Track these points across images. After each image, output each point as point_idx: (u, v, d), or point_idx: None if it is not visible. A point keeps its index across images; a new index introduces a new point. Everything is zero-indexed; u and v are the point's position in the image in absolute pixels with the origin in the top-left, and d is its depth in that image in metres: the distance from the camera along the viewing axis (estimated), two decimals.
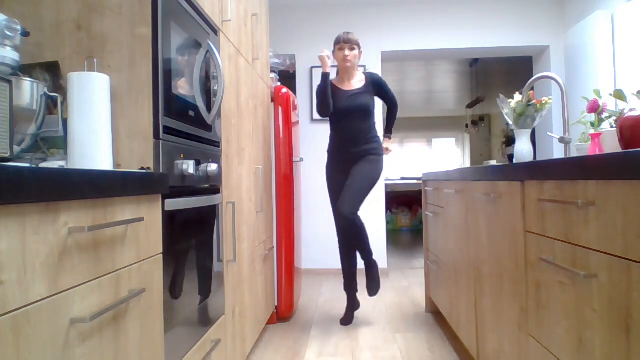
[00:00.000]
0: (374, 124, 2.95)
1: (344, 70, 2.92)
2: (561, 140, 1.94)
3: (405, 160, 10.63)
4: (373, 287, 2.89)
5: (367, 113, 2.89)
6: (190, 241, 1.44)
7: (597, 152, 1.67)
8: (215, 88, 1.70)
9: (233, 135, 1.98)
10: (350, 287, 3.00)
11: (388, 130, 3.11)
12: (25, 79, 1.07)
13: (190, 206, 1.42)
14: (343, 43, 2.86)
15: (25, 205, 0.68)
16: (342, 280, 3.03)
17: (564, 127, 1.98)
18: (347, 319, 2.95)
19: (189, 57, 1.48)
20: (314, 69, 4.61)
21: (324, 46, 4.60)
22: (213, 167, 1.56)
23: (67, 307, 0.78)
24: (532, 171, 1.29)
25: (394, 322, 2.95)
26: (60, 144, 1.19)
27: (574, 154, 2.12)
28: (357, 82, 2.93)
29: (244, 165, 2.19)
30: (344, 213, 2.72)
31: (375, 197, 4.30)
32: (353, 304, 3.00)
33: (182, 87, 1.41)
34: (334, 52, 2.93)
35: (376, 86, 2.94)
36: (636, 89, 2.06)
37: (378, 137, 2.96)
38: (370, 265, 2.91)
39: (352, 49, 2.85)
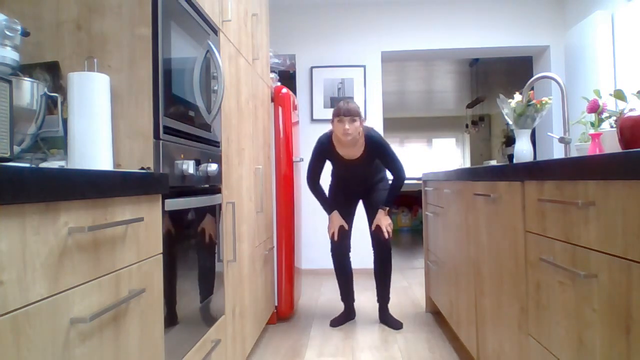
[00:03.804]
0: (379, 167, 2.90)
1: (344, 142, 2.70)
2: (561, 140, 1.94)
3: (405, 160, 10.60)
4: (398, 323, 2.85)
5: (369, 170, 2.86)
6: (190, 241, 1.44)
7: (597, 152, 1.67)
8: (215, 88, 1.70)
9: (233, 135, 1.98)
10: (347, 297, 3.01)
11: (386, 202, 2.82)
12: (25, 79, 1.07)
13: (190, 206, 1.42)
14: (343, 116, 2.62)
15: (25, 205, 0.68)
16: None
17: (564, 127, 1.98)
18: (338, 321, 2.94)
19: (189, 57, 1.48)
20: (314, 69, 4.62)
21: (324, 46, 4.62)
22: (213, 167, 1.56)
23: (67, 307, 0.78)
24: (532, 171, 1.29)
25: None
26: (60, 144, 1.19)
27: (574, 154, 2.12)
28: (358, 148, 2.75)
29: (244, 165, 2.19)
30: (387, 244, 2.80)
31: None
32: (349, 314, 3.01)
33: (182, 87, 1.41)
34: (332, 122, 2.70)
35: (376, 153, 2.76)
36: (636, 89, 2.06)
37: (384, 171, 2.95)
38: (387, 310, 2.92)
39: (352, 122, 2.61)
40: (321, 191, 2.91)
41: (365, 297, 3.51)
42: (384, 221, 2.79)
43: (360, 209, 3.07)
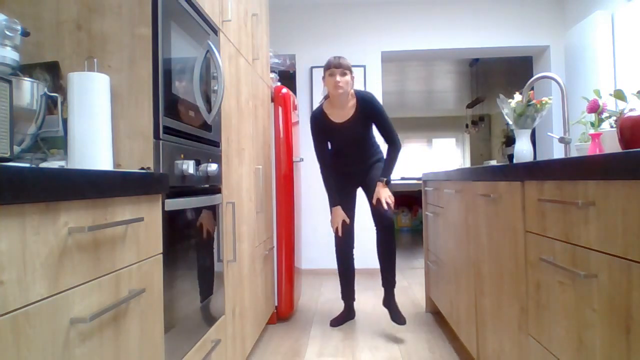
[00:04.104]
0: (373, 140, 2.88)
1: (335, 97, 2.68)
2: (561, 140, 1.94)
3: (405, 160, 10.63)
4: (401, 317, 2.72)
5: (364, 140, 2.80)
6: (190, 241, 1.44)
7: (597, 152, 1.67)
8: (215, 88, 1.70)
9: (233, 135, 1.98)
10: (348, 296, 2.98)
11: (383, 174, 2.72)
12: (25, 79, 1.07)
13: (191, 206, 1.42)
14: (334, 68, 2.61)
15: (25, 205, 0.68)
16: None
17: (564, 127, 1.98)
18: (338, 321, 2.93)
19: (189, 57, 1.48)
20: (314, 69, 4.62)
21: (324, 46, 4.62)
22: (213, 167, 1.56)
23: (67, 307, 0.78)
24: (532, 171, 1.29)
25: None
26: (60, 144, 1.19)
27: (574, 154, 2.12)
28: (349, 108, 2.73)
29: (244, 165, 2.19)
30: (388, 217, 2.68)
31: None
32: (349, 314, 2.99)
33: (182, 87, 1.41)
34: (323, 77, 2.70)
35: (368, 109, 2.71)
36: (636, 89, 2.06)
37: (379, 147, 2.92)
38: (393, 297, 2.79)
39: (343, 74, 2.60)
40: (330, 178, 2.84)
41: (366, 297, 3.51)
42: (383, 193, 2.67)
43: (360, 204, 3.02)
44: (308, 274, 4.40)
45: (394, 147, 2.73)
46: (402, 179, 8.30)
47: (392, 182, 2.83)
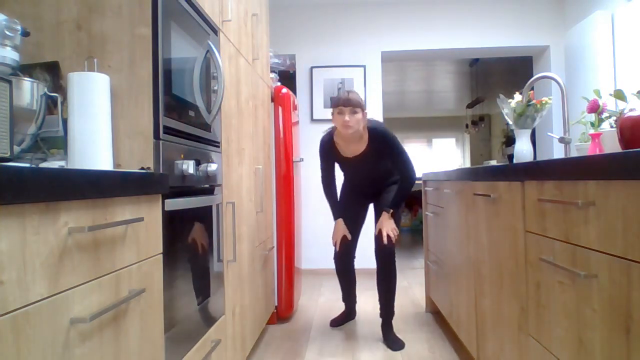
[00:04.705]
0: (388, 167, 2.66)
1: (345, 135, 2.49)
2: (561, 140, 1.94)
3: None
4: (398, 342, 2.55)
5: (377, 172, 2.66)
6: (190, 241, 1.44)
7: (597, 152, 1.67)
8: (215, 88, 1.70)
9: (233, 135, 1.98)
10: (349, 300, 2.95)
11: (390, 204, 2.57)
12: (25, 79, 1.07)
13: (190, 206, 1.42)
14: (342, 106, 2.40)
15: (25, 205, 0.68)
16: None
17: (564, 127, 1.98)
18: (338, 322, 2.91)
19: (189, 57, 1.48)
20: (314, 69, 4.62)
21: (324, 46, 4.62)
22: (213, 167, 1.56)
23: (67, 307, 0.78)
24: (532, 171, 1.29)
25: (394, 322, 2.94)
26: (60, 144, 1.19)
27: (574, 154, 2.12)
28: (361, 144, 2.54)
29: (244, 165, 2.19)
30: (388, 249, 2.54)
31: None
32: (349, 314, 2.97)
33: (182, 87, 1.41)
34: (332, 114, 2.49)
35: (381, 148, 2.52)
36: (636, 89, 2.06)
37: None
38: (391, 324, 2.66)
39: (353, 113, 2.39)
40: (334, 195, 2.76)
41: (365, 297, 3.51)
42: (386, 225, 2.52)
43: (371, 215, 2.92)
44: (308, 274, 4.40)
45: (407, 182, 2.53)
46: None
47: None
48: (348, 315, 2.96)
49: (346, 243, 2.73)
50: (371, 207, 2.88)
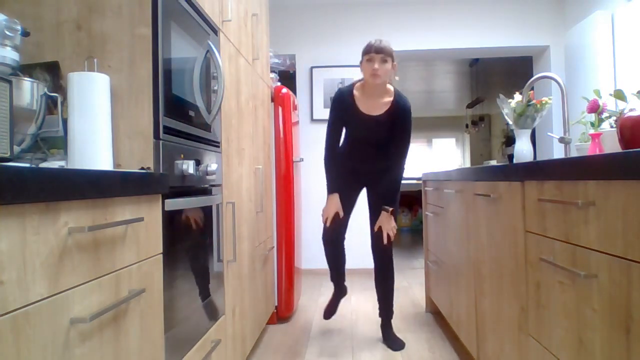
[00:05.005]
0: (389, 149, 2.55)
1: (370, 86, 2.38)
2: (561, 140, 1.94)
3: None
4: (398, 342, 2.54)
5: (385, 142, 2.51)
6: (191, 241, 1.44)
7: (597, 152, 1.67)
8: (215, 88, 1.70)
9: (233, 135, 1.98)
10: (338, 279, 2.76)
11: (390, 202, 2.46)
12: (25, 79, 1.07)
13: (190, 206, 1.42)
14: (374, 53, 2.27)
15: (25, 205, 0.68)
16: None
17: (564, 127, 1.98)
18: (332, 310, 2.78)
19: (189, 57, 1.48)
20: (314, 69, 4.62)
21: (324, 46, 4.62)
22: (213, 167, 1.56)
23: (67, 307, 0.78)
24: (532, 171, 1.29)
25: (394, 322, 2.95)
26: (60, 144, 1.19)
27: (574, 154, 2.12)
28: (382, 104, 2.41)
29: (244, 165, 2.19)
30: (387, 249, 2.51)
31: None
32: (340, 292, 2.78)
33: (182, 87, 1.41)
34: (361, 62, 2.37)
35: (401, 118, 2.43)
36: (636, 89, 2.06)
37: None
38: (390, 326, 2.62)
39: (384, 61, 2.28)
40: (335, 167, 2.54)
41: (365, 297, 3.51)
42: (387, 224, 2.44)
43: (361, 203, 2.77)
44: (308, 274, 4.40)
45: (401, 168, 2.48)
46: (402, 178, 8.29)
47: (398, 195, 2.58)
48: (339, 295, 2.79)
49: (338, 220, 2.55)
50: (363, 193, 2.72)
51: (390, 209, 2.46)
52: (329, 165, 2.55)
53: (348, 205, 2.61)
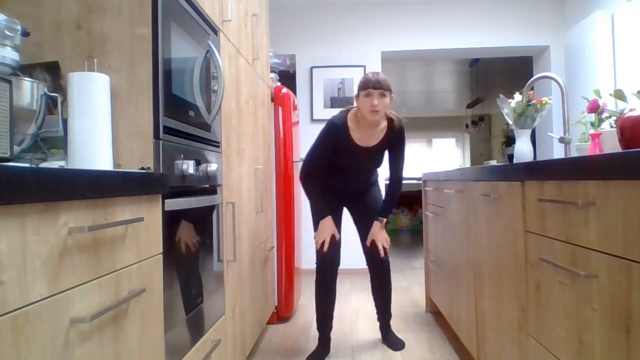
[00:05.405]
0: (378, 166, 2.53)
1: (368, 122, 2.27)
2: (561, 140, 1.94)
3: (405, 160, 10.60)
4: (399, 342, 2.53)
5: (375, 166, 2.47)
6: (190, 241, 1.44)
7: (597, 152, 1.67)
8: (215, 88, 1.70)
9: (233, 135, 1.98)
10: (325, 325, 2.45)
11: (383, 213, 2.40)
12: (25, 79, 1.07)
13: (190, 206, 1.42)
14: (372, 89, 2.17)
15: (25, 205, 0.68)
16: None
17: (564, 127, 1.98)
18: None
19: (189, 57, 1.48)
20: (314, 69, 4.62)
21: (324, 46, 4.62)
22: (213, 167, 1.56)
23: (67, 307, 0.78)
24: (532, 171, 1.29)
25: (394, 322, 2.94)
26: (60, 144, 1.19)
27: (574, 154, 2.12)
28: (378, 132, 2.34)
29: (244, 165, 2.19)
30: (384, 262, 2.42)
31: None
32: (324, 349, 2.43)
33: (182, 87, 1.41)
34: (357, 96, 2.27)
35: (397, 141, 2.37)
36: (636, 89, 2.06)
37: (377, 173, 2.61)
38: (389, 327, 2.59)
39: (382, 96, 2.19)
40: (317, 188, 2.37)
41: (365, 297, 3.51)
42: (380, 236, 2.37)
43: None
44: (308, 274, 4.38)
45: (398, 185, 2.41)
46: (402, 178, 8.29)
47: (388, 184, 2.55)
48: (323, 350, 2.42)
49: (335, 244, 2.36)
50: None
51: (384, 219, 2.40)
52: (310, 189, 2.37)
53: (339, 225, 2.47)
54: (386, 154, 2.45)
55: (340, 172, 2.43)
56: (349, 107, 2.40)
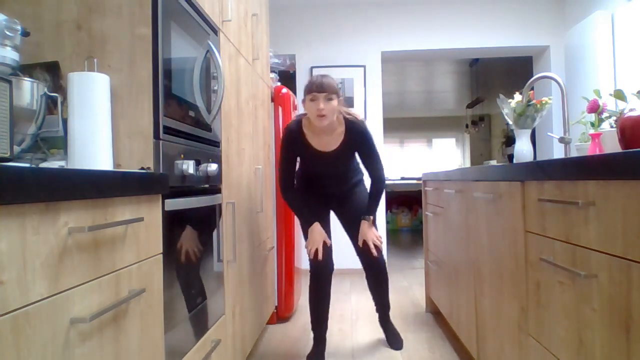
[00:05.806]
0: (356, 164, 2.47)
1: (319, 127, 2.19)
2: (561, 140, 1.94)
3: (405, 160, 10.63)
4: (398, 341, 2.53)
5: (346, 168, 2.39)
6: (190, 241, 1.44)
7: (597, 152, 1.67)
8: (215, 88, 1.70)
9: (233, 135, 1.98)
10: (320, 326, 2.40)
11: (368, 211, 2.34)
12: (25, 79, 1.07)
13: (190, 206, 1.42)
14: (316, 92, 2.09)
15: (25, 205, 0.68)
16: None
17: (564, 127, 1.98)
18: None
19: (189, 57, 1.48)
20: (314, 69, 4.62)
21: (324, 46, 4.62)
22: (213, 167, 1.56)
23: (67, 307, 0.78)
24: (532, 171, 1.29)
25: (394, 322, 2.94)
26: (60, 144, 1.19)
27: (574, 154, 2.12)
28: (335, 136, 2.25)
29: (244, 165, 2.19)
30: (379, 261, 2.39)
31: None
32: (322, 345, 2.40)
33: (182, 87, 1.41)
34: (303, 101, 2.18)
35: (358, 142, 2.27)
36: (636, 89, 2.06)
37: (359, 165, 2.51)
38: (388, 319, 2.60)
39: (328, 99, 2.09)
40: (299, 198, 2.37)
41: (365, 297, 3.51)
42: (370, 234, 2.32)
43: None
44: (308, 274, 4.39)
45: (380, 183, 2.35)
46: (402, 179, 8.31)
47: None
48: (319, 349, 2.38)
49: (327, 250, 2.33)
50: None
51: (371, 217, 2.35)
52: (291, 198, 2.37)
53: (327, 229, 2.42)
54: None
55: (316, 178, 2.42)
56: (304, 113, 2.27)
